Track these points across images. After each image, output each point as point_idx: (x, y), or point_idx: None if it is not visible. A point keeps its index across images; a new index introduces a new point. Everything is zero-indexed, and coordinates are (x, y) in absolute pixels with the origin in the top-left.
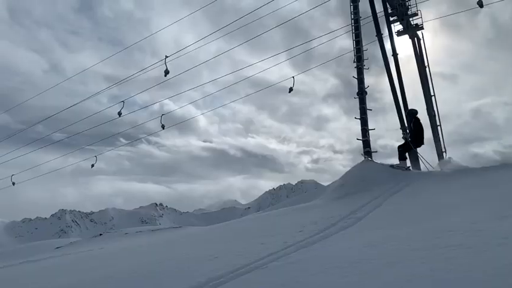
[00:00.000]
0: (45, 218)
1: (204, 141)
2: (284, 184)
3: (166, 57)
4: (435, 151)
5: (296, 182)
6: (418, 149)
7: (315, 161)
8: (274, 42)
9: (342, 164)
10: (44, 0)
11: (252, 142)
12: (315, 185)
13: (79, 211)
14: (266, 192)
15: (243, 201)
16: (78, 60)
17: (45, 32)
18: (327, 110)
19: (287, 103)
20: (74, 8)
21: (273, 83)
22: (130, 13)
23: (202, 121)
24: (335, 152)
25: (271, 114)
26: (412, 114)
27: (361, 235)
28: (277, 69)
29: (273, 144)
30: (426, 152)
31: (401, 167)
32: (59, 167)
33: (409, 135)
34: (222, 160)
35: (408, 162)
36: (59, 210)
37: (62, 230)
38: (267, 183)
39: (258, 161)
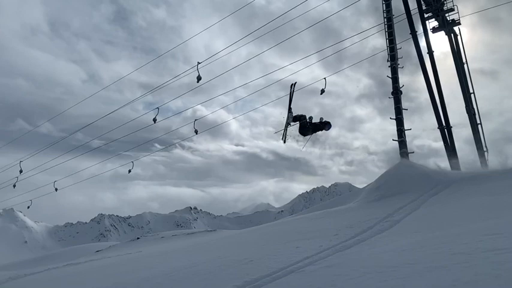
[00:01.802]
0: (86, 223)
1: (236, 145)
2: (317, 187)
3: (199, 63)
4: (476, 150)
5: (330, 185)
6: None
7: (349, 163)
8: (304, 44)
9: (377, 165)
10: (81, 13)
11: (284, 145)
12: (349, 187)
13: (117, 215)
14: (299, 195)
15: (276, 205)
16: (114, 69)
17: (83, 43)
18: (360, 110)
19: (319, 105)
20: (109, 18)
21: (304, 85)
22: (162, 22)
23: (233, 125)
24: (369, 153)
25: None
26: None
27: (399, 238)
28: (308, 71)
29: (305, 147)
30: (467, 152)
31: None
32: (97, 173)
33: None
34: (254, 164)
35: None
36: (98, 214)
37: (101, 234)
38: (299, 186)
39: (290, 164)
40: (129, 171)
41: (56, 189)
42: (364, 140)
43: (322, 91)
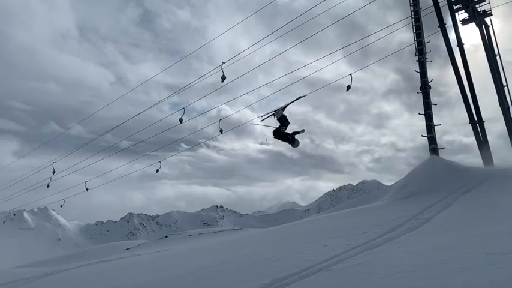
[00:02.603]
0: (116, 221)
1: (261, 144)
2: (344, 185)
3: (223, 63)
4: (510, 145)
5: (357, 183)
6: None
7: (377, 160)
8: (329, 40)
9: (406, 162)
10: (108, 17)
11: (310, 143)
12: (377, 185)
13: (146, 214)
14: (325, 193)
15: (302, 203)
16: (140, 71)
17: (111, 46)
18: (388, 106)
19: (345, 102)
20: (135, 21)
21: (329, 82)
22: (187, 23)
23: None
24: (398, 150)
25: (329, 113)
26: None
27: (430, 237)
28: (333, 67)
29: (331, 145)
30: (501, 147)
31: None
32: (126, 173)
33: None
34: (279, 162)
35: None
36: (128, 213)
37: (130, 232)
38: (326, 184)
39: (316, 162)
40: (157, 170)
41: (87, 189)
42: (391, 136)
43: (348, 87)
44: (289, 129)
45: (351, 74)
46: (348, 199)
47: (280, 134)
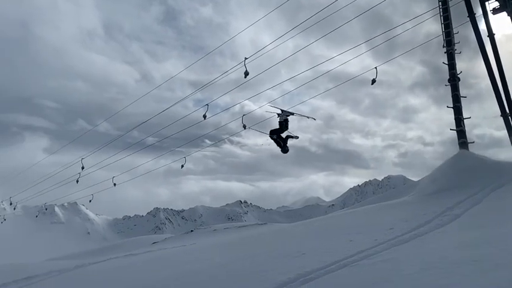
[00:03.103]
0: (142, 216)
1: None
2: (370, 180)
3: (246, 59)
4: None
5: (382, 178)
6: None
7: (403, 155)
8: (353, 33)
9: (433, 157)
10: (132, 15)
11: (334, 138)
12: (404, 180)
13: (171, 209)
14: (350, 189)
15: (327, 199)
16: (165, 68)
17: (136, 45)
18: (414, 100)
19: (370, 95)
20: (158, 19)
21: (354, 76)
22: (209, 19)
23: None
24: (425, 144)
25: (353, 108)
26: None
27: (460, 234)
28: (357, 61)
29: (356, 139)
30: None
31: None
32: (152, 169)
33: None
34: (303, 157)
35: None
36: (154, 208)
37: (157, 227)
38: (351, 179)
39: (340, 157)
40: (182, 166)
41: (115, 184)
42: (418, 130)
43: (373, 81)
44: (284, 134)
45: (376, 67)
46: (373, 194)
47: (277, 135)
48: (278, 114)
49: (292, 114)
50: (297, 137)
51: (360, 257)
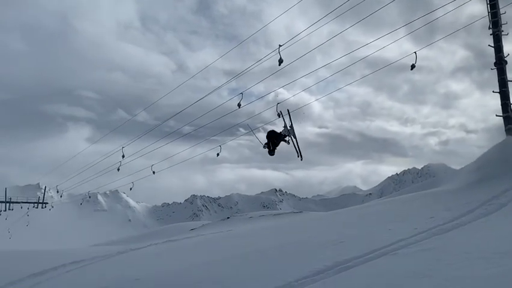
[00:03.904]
0: (180, 203)
1: (320, 128)
2: (409, 169)
3: (280, 46)
4: None
5: (422, 166)
6: None
7: (444, 143)
8: (391, 17)
9: (477, 145)
10: (167, 6)
11: (371, 126)
12: (445, 168)
13: (208, 196)
14: (388, 177)
15: (364, 187)
16: (199, 58)
17: (171, 35)
18: (456, 85)
19: (409, 81)
20: (192, 9)
21: (392, 61)
22: (243, 8)
23: (316, 107)
24: (467, 131)
25: (391, 94)
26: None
27: (506, 224)
28: (395, 46)
29: (394, 127)
30: None
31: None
32: (189, 157)
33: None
34: (339, 146)
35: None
36: (191, 195)
37: (194, 214)
38: (389, 168)
39: (378, 146)
40: (218, 154)
41: (154, 172)
42: (460, 117)
43: (413, 66)
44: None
45: (415, 52)
46: (412, 183)
47: (274, 137)
48: (281, 115)
49: (287, 137)
50: (288, 142)
51: (399, 246)
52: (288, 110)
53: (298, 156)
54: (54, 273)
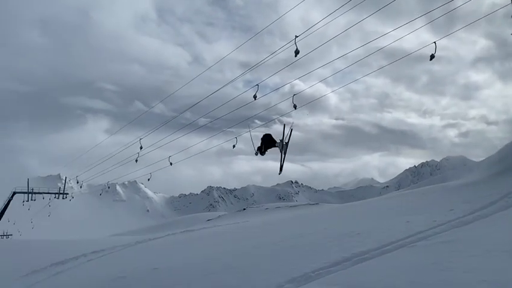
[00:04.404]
0: (197, 194)
1: (336, 119)
2: (427, 161)
3: (296, 36)
4: None
5: (441, 159)
6: None
7: (464, 135)
8: (409, 7)
9: (498, 136)
10: None
11: (389, 117)
12: (464, 161)
13: (224, 188)
14: (406, 170)
15: (381, 180)
16: (215, 50)
17: (187, 27)
18: (477, 76)
19: (427, 72)
20: (208, 1)
21: (410, 52)
22: None
23: (333, 99)
24: (488, 123)
25: (409, 85)
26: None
27: None
28: (414, 36)
29: (412, 119)
30: None
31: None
32: (205, 149)
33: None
34: (356, 138)
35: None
36: (207, 187)
37: (210, 205)
38: (406, 160)
39: (395, 137)
40: (234, 146)
41: (171, 164)
42: (481, 108)
43: (432, 57)
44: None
45: (435, 42)
46: (430, 176)
47: (269, 142)
48: (281, 140)
49: (276, 145)
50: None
51: (417, 238)
52: (291, 129)
53: (279, 170)
54: (75, 263)
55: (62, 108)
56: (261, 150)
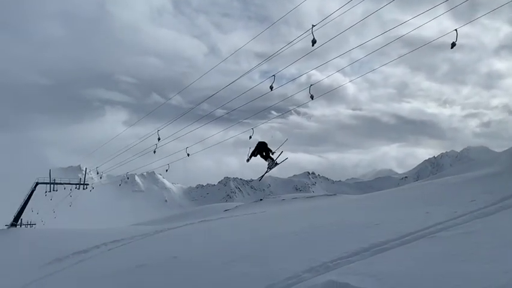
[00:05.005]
0: (214, 185)
1: (353, 110)
2: (446, 152)
3: (313, 26)
4: None
5: (461, 149)
6: None
7: (486, 125)
8: None
9: None
10: None
11: (408, 107)
12: (486, 151)
13: (241, 179)
14: (425, 160)
15: (399, 171)
16: (231, 40)
17: (203, 18)
18: (500, 64)
19: (448, 61)
20: None
21: (431, 40)
22: None
23: (350, 89)
24: (511, 112)
25: (429, 75)
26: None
27: None
28: (434, 23)
29: (432, 108)
30: None
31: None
32: (221, 140)
33: None
34: (373, 128)
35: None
36: (224, 177)
37: (227, 195)
38: (426, 151)
39: (414, 128)
40: (250, 137)
41: (188, 155)
42: (504, 97)
43: (453, 45)
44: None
45: (456, 30)
46: (450, 166)
47: (263, 150)
48: (272, 160)
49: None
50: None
51: (437, 229)
52: (286, 158)
53: (260, 177)
54: (96, 251)
55: (82, 101)
56: (254, 154)
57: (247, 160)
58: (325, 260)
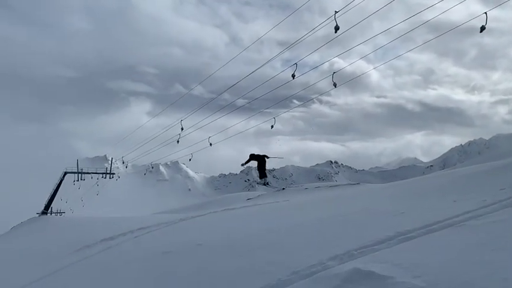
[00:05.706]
0: (236, 174)
1: (378, 97)
2: (474, 139)
3: (336, 12)
4: None
5: (490, 137)
6: None
7: None
8: None
9: None
10: None
11: (434, 94)
12: None
13: None
14: (452, 149)
15: (425, 159)
16: (252, 29)
17: (224, 7)
18: None
19: (477, 46)
20: None
21: (458, 24)
22: None
23: (374, 76)
24: None
25: (457, 60)
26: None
27: None
28: (462, 7)
29: (459, 95)
30: None
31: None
32: (243, 129)
33: None
34: (398, 116)
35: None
36: (246, 167)
37: (250, 184)
38: (452, 139)
39: (441, 115)
40: (272, 127)
41: (211, 144)
42: None
43: (482, 28)
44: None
45: (485, 13)
46: (479, 155)
47: (259, 160)
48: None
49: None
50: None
51: (465, 218)
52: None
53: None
54: (123, 238)
55: (107, 92)
56: (246, 162)
57: (242, 165)
58: (350, 248)
